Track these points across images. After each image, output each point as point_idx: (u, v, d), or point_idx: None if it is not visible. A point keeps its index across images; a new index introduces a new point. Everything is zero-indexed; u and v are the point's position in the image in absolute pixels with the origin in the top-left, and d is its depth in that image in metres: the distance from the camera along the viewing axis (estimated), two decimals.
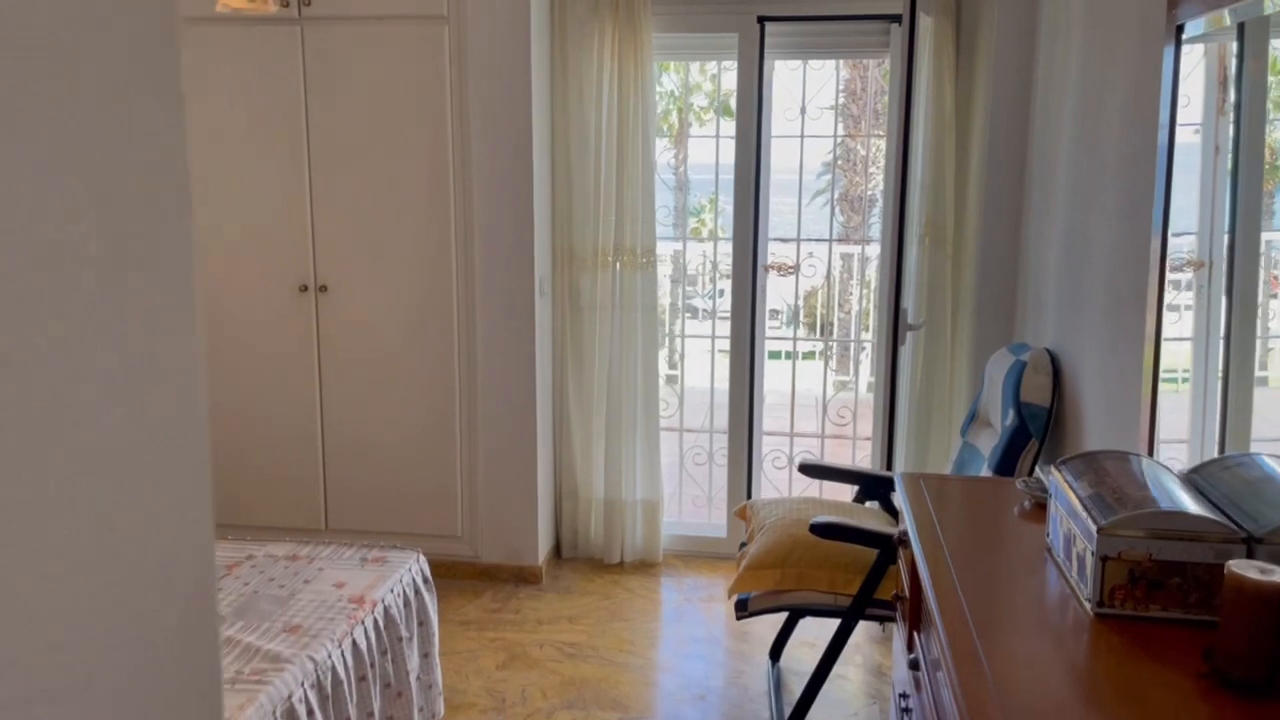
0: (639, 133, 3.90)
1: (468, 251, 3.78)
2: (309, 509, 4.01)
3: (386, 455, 3.93)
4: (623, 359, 4.06)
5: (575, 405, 4.09)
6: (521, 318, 3.81)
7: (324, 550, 2.89)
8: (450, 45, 3.67)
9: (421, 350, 3.84)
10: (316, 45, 3.71)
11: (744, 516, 3.28)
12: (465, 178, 3.74)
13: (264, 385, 3.95)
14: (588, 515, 4.16)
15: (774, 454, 4.47)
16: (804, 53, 4.07)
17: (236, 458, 4.00)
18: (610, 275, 4.02)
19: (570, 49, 3.89)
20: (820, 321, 6.89)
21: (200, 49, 3.76)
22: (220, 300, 3.91)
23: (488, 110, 3.69)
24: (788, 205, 4.44)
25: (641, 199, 3.96)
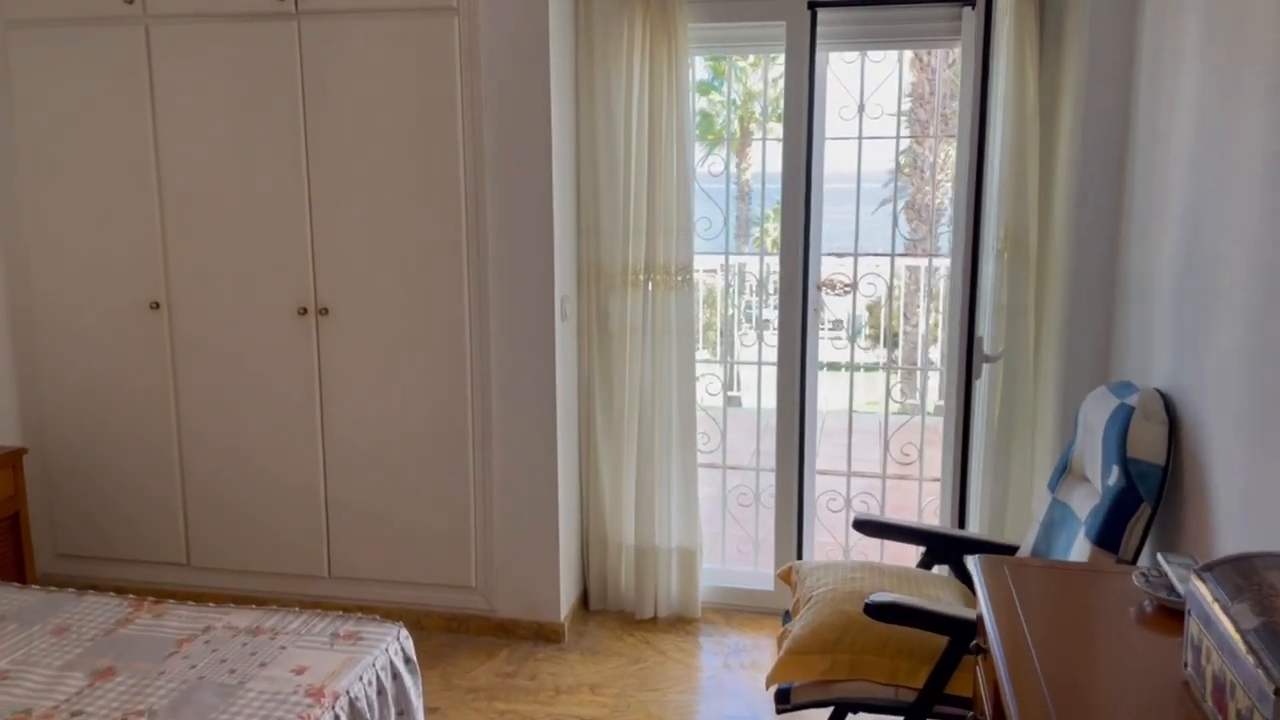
0: (673, 136, 3.45)
1: (480, 270, 3.37)
2: (311, 554, 3.63)
3: (393, 495, 3.53)
4: (656, 389, 3.61)
5: (603, 440, 3.65)
6: (540, 343, 3.38)
7: (293, 622, 2.49)
8: (460, 40, 3.26)
9: (431, 379, 3.44)
10: (314, 43, 3.33)
11: (789, 581, 2.80)
12: (477, 188, 3.33)
13: (261, 417, 3.58)
14: (617, 563, 3.71)
15: (829, 495, 3.97)
16: (862, 43, 3.58)
17: (235, 496, 3.64)
18: (641, 296, 3.57)
19: (596, 42, 3.46)
20: (884, 333, 6.36)
21: (185, 51, 3.41)
22: (211, 324, 3.55)
23: (502, 112, 3.28)
24: (844, 214, 3.94)
25: (676, 210, 3.50)
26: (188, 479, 3.68)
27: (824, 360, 4.80)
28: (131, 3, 3.39)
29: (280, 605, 3.63)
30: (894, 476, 4.01)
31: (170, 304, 3.57)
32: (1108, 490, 2.29)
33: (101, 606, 2.57)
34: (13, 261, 3.67)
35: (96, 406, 3.70)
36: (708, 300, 6.08)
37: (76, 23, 3.46)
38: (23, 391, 3.74)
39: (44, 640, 2.38)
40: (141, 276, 3.57)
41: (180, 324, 3.58)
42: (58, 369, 3.71)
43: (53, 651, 2.32)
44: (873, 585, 2.56)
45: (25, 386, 3.74)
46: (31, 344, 3.71)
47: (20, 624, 2.46)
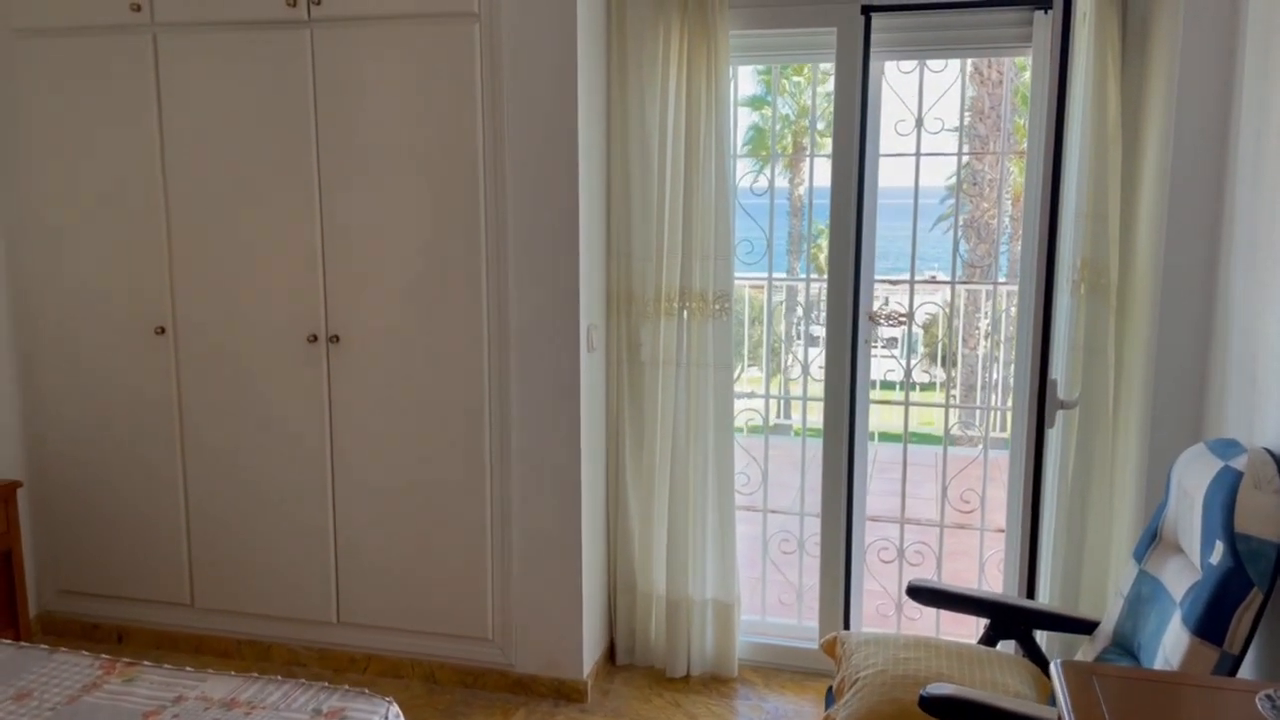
0: (711, 152, 3.17)
1: (501, 296, 3.11)
2: (319, 598, 3.39)
3: (405, 537, 3.28)
4: (690, 426, 3.31)
5: (633, 481, 3.36)
6: (564, 375, 3.11)
7: (272, 694, 2.23)
8: (482, 48, 3.02)
9: (446, 412, 3.18)
10: (327, 52, 3.11)
11: (833, 654, 2.49)
12: (498, 208, 3.07)
13: (269, 451, 3.35)
14: (647, 614, 3.42)
15: (880, 543, 3.64)
16: (921, 51, 3.26)
17: (241, 535, 3.42)
18: (676, 325, 3.29)
19: (629, 50, 3.19)
20: (942, 351, 6.02)
21: (193, 61, 3.21)
22: (219, 350, 3.34)
23: (526, 126, 3.02)
24: (896, 231, 3.62)
25: (714, 232, 3.22)
26: (193, 516, 3.46)
27: (875, 378, 4.48)
28: (139, 10, 3.20)
29: (287, 651, 3.42)
30: (953, 526, 3.66)
31: (176, 328, 3.37)
32: (1210, 570, 1.95)
33: (70, 667, 2.34)
34: (16, 283, 3.49)
35: (100, 438, 3.50)
36: (754, 320, 5.80)
37: (83, 31, 3.28)
38: (25, 421, 3.56)
39: (2, 708, 2.15)
40: (147, 298, 3.37)
41: (186, 349, 3.37)
42: (60, 397, 3.52)
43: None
44: (929, 668, 2.24)
45: (27, 416, 3.56)
46: (33, 370, 3.53)
47: None
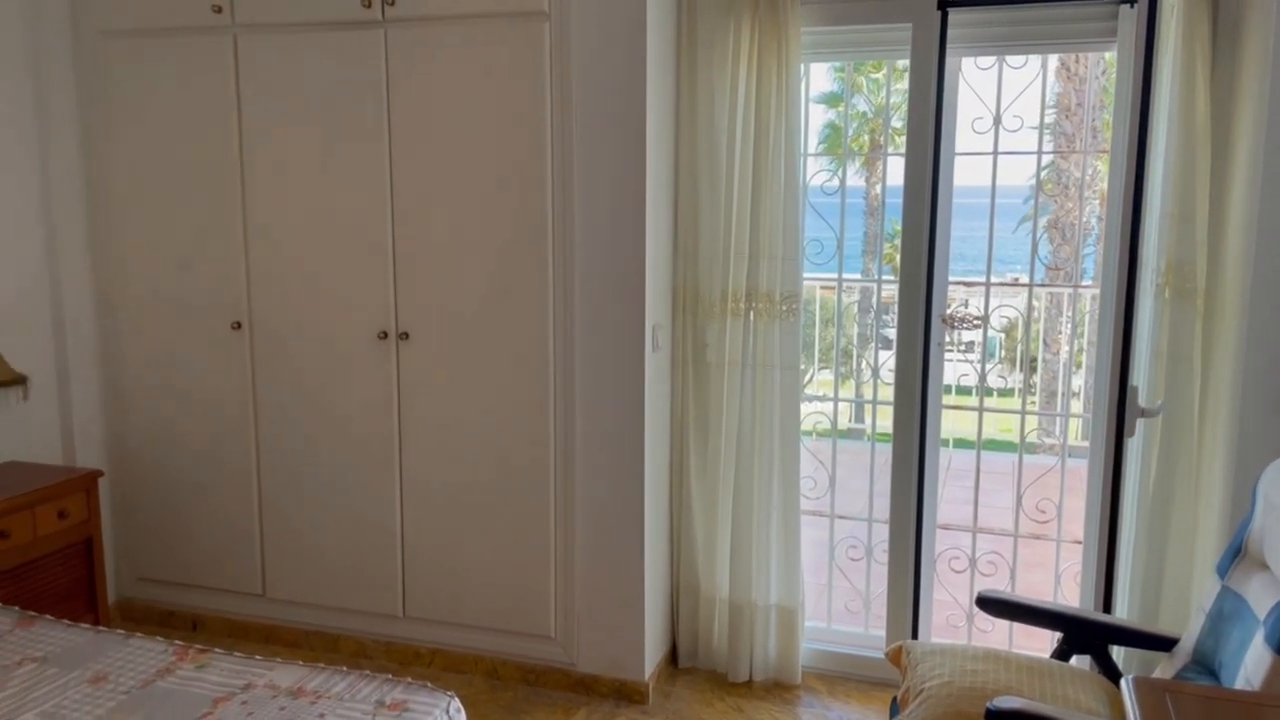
0: (781, 150, 3.12)
1: (567, 295, 3.11)
2: (385, 592, 3.43)
3: (470, 534, 3.31)
4: (756, 428, 3.27)
5: (697, 483, 3.33)
6: (629, 375, 3.09)
7: (337, 684, 2.26)
8: (551, 47, 3.02)
9: (511, 410, 3.20)
10: (400, 52, 3.14)
11: (898, 663, 2.43)
12: (565, 207, 3.08)
13: (339, 445, 3.41)
14: (710, 619, 3.39)
15: (951, 552, 3.55)
16: (1000, 47, 3.17)
17: (311, 528, 3.48)
18: (742, 325, 3.25)
19: (699, 48, 3.16)
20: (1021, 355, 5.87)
21: (271, 61, 3.27)
22: (292, 345, 3.41)
23: (594, 124, 3.02)
24: (972, 231, 3.53)
25: (783, 232, 3.17)
26: (265, 508, 3.54)
27: (949, 382, 4.37)
28: (220, 11, 3.28)
29: (355, 643, 3.47)
30: (1028, 536, 3.55)
31: (252, 324, 3.45)
32: None
33: (145, 653, 2.41)
34: (101, 277, 3.61)
35: (178, 430, 3.60)
36: (826, 321, 5.72)
37: (167, 33, 3.38)
38: (107, 414, 3.68)
39: (79, 690, 2.22)
40: (224, 295, 3.45)
41: (261, 345, 3.45)
42: (141, 391, 3.63)
43: (84, 704, 2.16)
44: (997, 681, 2.17)
45: (109, 409, 3.67)
46: (116, 364, 3.64)
47: (61, 668, 2.32)
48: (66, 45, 3.47)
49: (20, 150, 3.39)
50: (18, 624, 2.53)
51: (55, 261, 3.50)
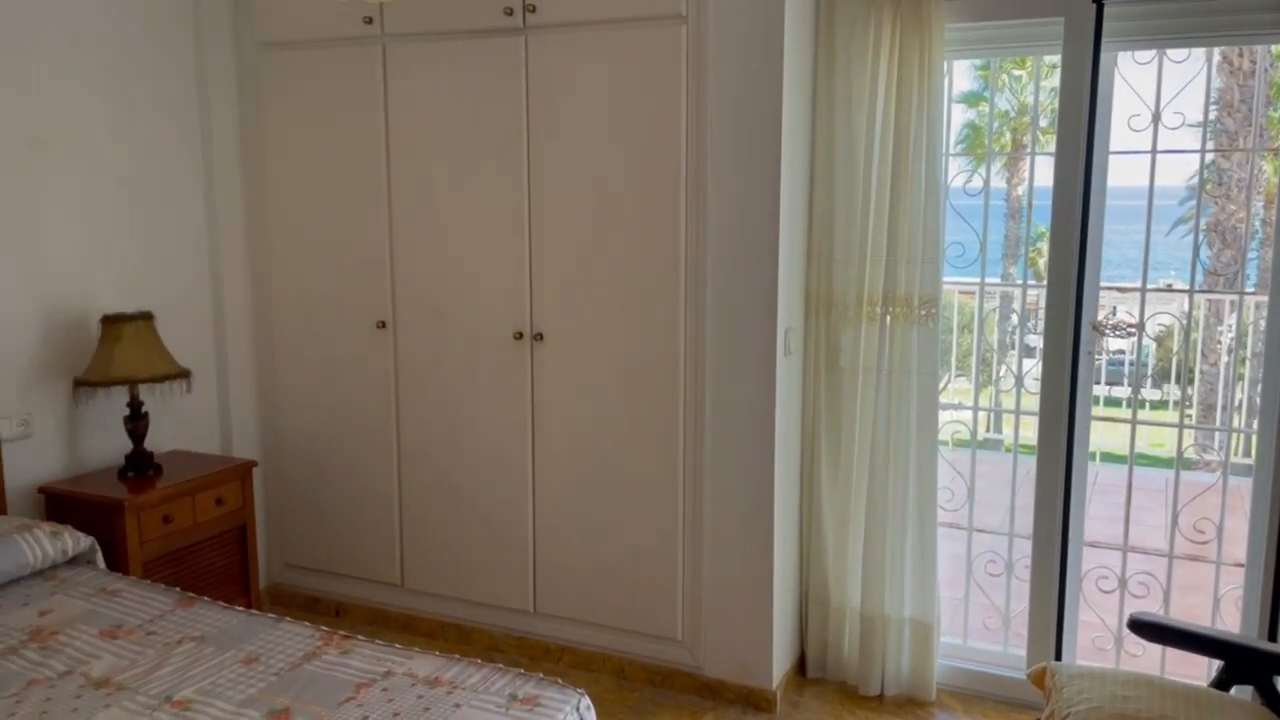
0: (922, 150, 3.04)
1: (699, 296, 3.11)
2: (517, 587, 3.50)
3: (599, 534, 3.34)
4: (891, 435, 3.19)
5: (828, 490, 3.28)
6: (760, 378, 3.06)
7: (472, 676, 2.31)
8: (688, 50, 3.02)
9: (642, 411, 3.21)
10: (540, 58, 3.20)
11: (1041, 685, 2.32)
12: (699, 206, 3.07)
13: (475, 441, 3.49)
14: (840, 629, 3.32)
15: (1099, 571, 3.38)
16: (1160, 40, 3.00)
17: (447, 521, 3.59)
18: (878, 330, 3.18)
19: (838, 47, 3.11)
20: (1176, 366, 5.57)
21: (417, 69, 3.38)
22: (432, 344, 3.51)
23: (729, 126, 3.00)
24: (1122, 235, 3.35)
25: (922, 234, 3.09)
26: (405, 501, 3.66)
27: (1098, 393, 4.17)
28: (370, 22, 3.41)
29: (487, 636, 3.55)
30: (1184, 557, 3.35)
31: (396, 323, 3.57)
32: None
33: (294, 637, 2.51)
34: (258, 277, 3.81)
35: (326, 424, 3.76)
36: (964, 327, 5.54)
37: (320, 44, 3.53)
38: (262, 407, 3.87)
39: (233, 669, 2.33)
40: (371, 295, 3.59)
41: (404, 344, 3.57)
42: (293, 386, 3.81)
43: (238, 683, 2.26)
44: (1150, 709, 2.05)
45: (264, 402, 3.87)
46: (270, 360, 3.83)
47: (217, 648, 2.44)
48: (229, 57, 3.68)
49: (187, 158, 3.62)
50: (178, 604, 2.68)
51: (216, 263, 3.71)
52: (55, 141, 3.19)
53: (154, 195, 3.51)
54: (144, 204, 3.48)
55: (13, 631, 2.47)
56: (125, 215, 3.42)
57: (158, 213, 3.53)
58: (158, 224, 3.53)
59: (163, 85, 3.52)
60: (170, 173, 3.56)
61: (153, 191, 3.51)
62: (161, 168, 3.53)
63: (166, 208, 3.56)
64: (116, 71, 3.36)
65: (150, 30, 3.46)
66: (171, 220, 3.58)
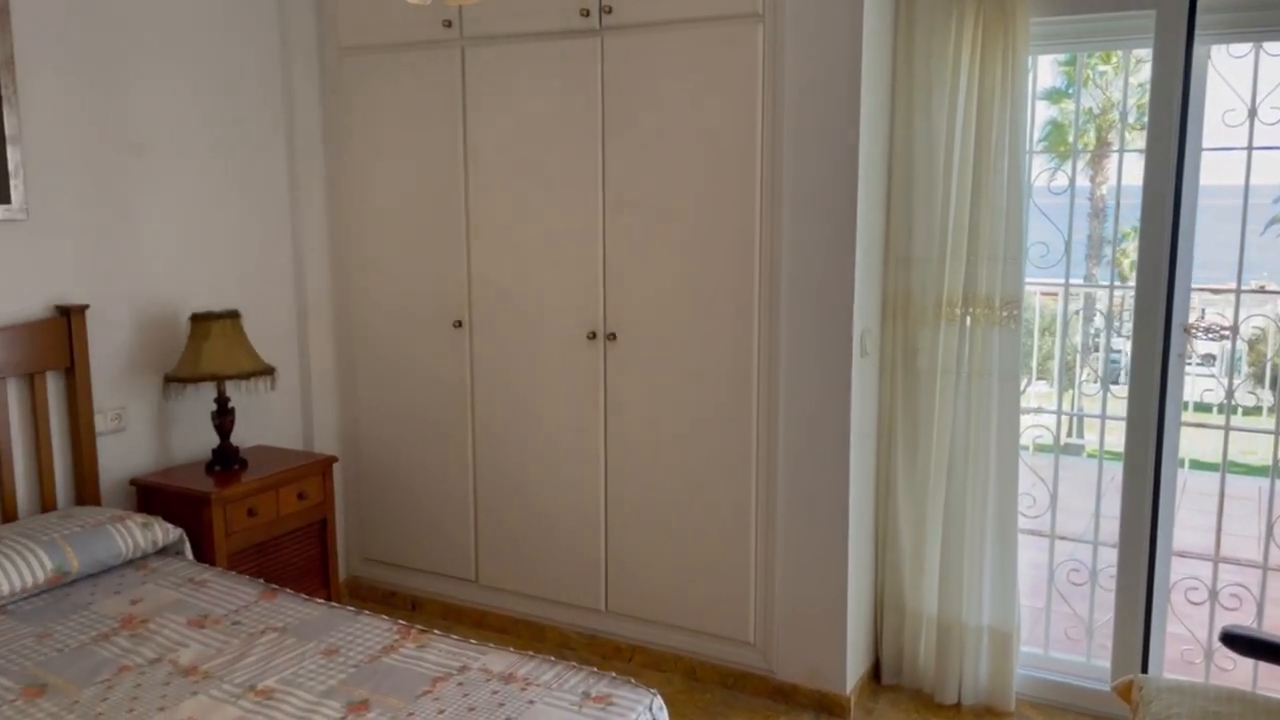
0: (1005, 148, 2.98)
1: (773, 297, 3.09)
2: (589, 586, 3.52)
3: (671, 534, 3.34)
4: (970, 439, 3.13)
5: (904, 495, 3.23)
6: (835, 380, 3.03)
7: (545, 672, 2.33)
8: (764, 48, 3.00)
9: (715, 412, 3.20)
10: (615, 59, 3.21)
11: (1127, 698, 2.25)
12: (774, 206, 3.05)
13: (548, 440, 3.52)
14: (916, 636, 3.26)
15: (1188, 582, 3.26)
16: (1257, 32, 2.89)
17: (521, 518, 3.62)
18: (958, 331, 3.12)
19: (918, 43, 3.06)
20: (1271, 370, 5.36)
21: (494, 71, 3.42)
22: (506, 343, 3.55)
23: (805, 123, 2.98)
24: (1215, 236, 3.23)
25: (1005, 233, 3.02)
26: (480, 498, 3.70)
27: (1188, 398, 4.02)
28: (450, 26, 3.46)
29: (559, 634, 3.57)
30: (1279, 569, 3.22)
31: (472, 322, 3.61)
32: None
33: (372, 630, 2.56)
34: (339, 277, 3.89)
35: (404, 421, 3.83)
36: (1044, 329, 5.40)
37: (400, 48, 3.60)
38: (343, 404, 3.96)
39: (314, 660, 2.38)
40: (448, 294, 3.64)
41: (480, 343, 3.61)
42: (372, 383, 3.88)
43: (319, 674, 2.31)
44: None
45: (345, 399, 3.95)
46: (351, 357, 3.92)
47: (299, 639, 2.50)
48: (313, 61, 3.77)
49: (273, 161, 3.72)
50: (262, 595, 2.75)
51: (300, 264, 3.81)
52: (151, 147, 3.30)
53: (242, 198, 3.62)
54: (232, 206, 3.58)
55: (106, 619, 2.57)
56: (214, 217, 3.53)
57: (245, 214, 3.63)
58: (245, 225, 3.64)
59: (250, 91, 3.62)
60: (257, 176, 3.66)
61: (241, 194, 3.61)
62: (249, 171, 3.63)
63: (253, 209, 3.66)
64: (208, 79, 3.47)
65: (239, 39, 3.57)
66: (257, 221, 3.68)
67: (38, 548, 2.69)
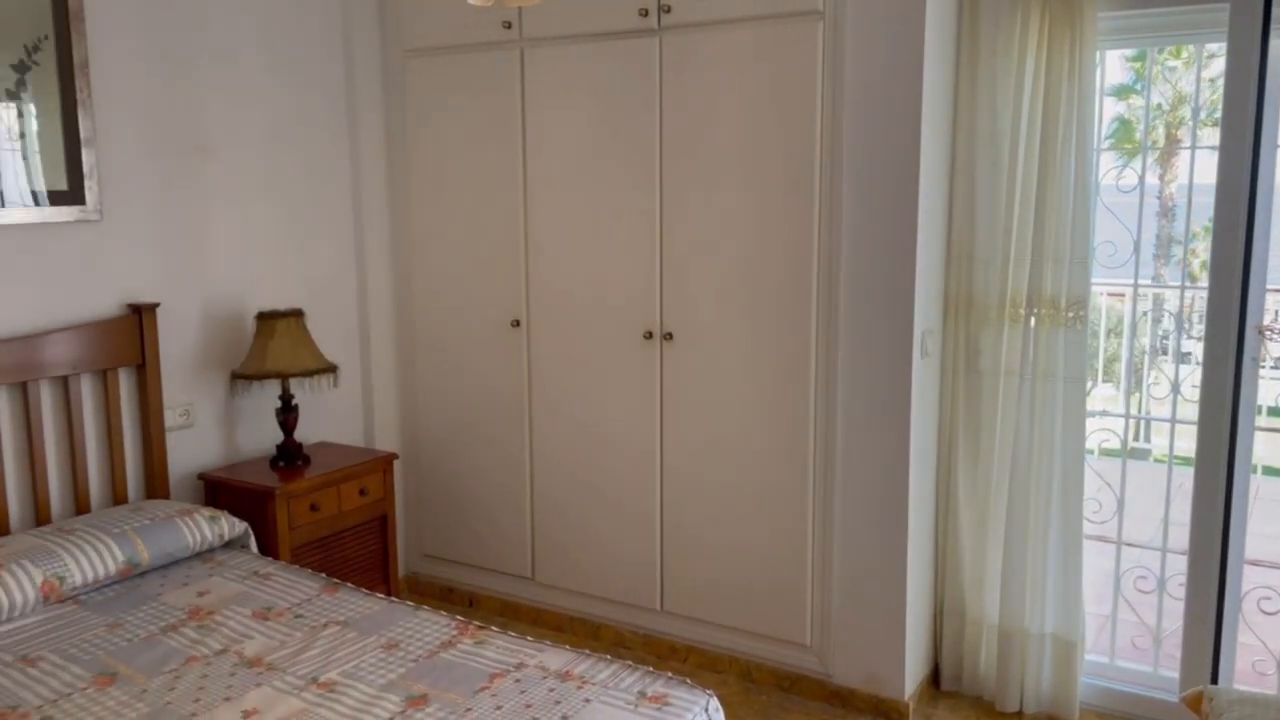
0: (1071, 145, 2.92)
1: (831, 297, 3.06)
2: (644, 585, 3.52)
3: (726, 535, 3.32)
4: (1034, 443, 3.07)
5: (965, 498, 3.18)
6: (895, 381, 2.99)
7: (601, 671, 2.33)
8: (825, 46, 2.98)
9: (771, 413, 3.18)
10: (674, 58, 3.21)
11: (1197, 710, 2.19)
12: (832, 204, 3.02)
13: (604, 441, 3.53)
14: (976, 642, 3.21)
15: (1261, 590, 3.17)
16: None
17: (577, 518, 3.64)
18: (1021, 332, 3.06)
19: (982, 38, 3.01)
20: None
21: (553, 72, 3.44)
22: (563, 343, 3.56)
23: (866, 122, 2.94)
24: None
25: (1071, 233, 2.96)
26: (536, 496, 3.72)
27: (1262, 402, 3.91)
28: (509, 27, 3.48)
29: (614, 633, 3.58)
30: None
31: (529, 322, 3.64)
32: None
33: (431, 625, 2.59)
34: (400, 277, 3.94)
35: (462, 420, 3.87)
36: (1110, 331, 5.27)
37: (461, 49, 3.63)
38: (403, 402, 4.01)
39: (374, 654, 2.42)
40: (506, 294, 3.67)
41: (537, 342, 3.63)
42: (431, 382, 3.93)
43: (379, 668, 2.35)
44: None
45: (405, 397, 4.01)
46: (411, 355, 3.97)
47: (360, 632, 2.53)
48: (375, 64, 3.82)
49: (336, 163, 3.78)
50: (324, 589, 2.79)
51: (362, 263, 3.87)
52: (217, 148, 3.38)
53: (305, 199, 3.68)
54: (296, 206, 3.65)
55: (174, 610, 2.63)
56: (279, 217, 3.60)
57: (308, 215, 3.70)
58: (309, 226, 3.70)
59: (314, 94, 3.68)
60: (321, 177, 3.73)
61: (304, 195, 3.68)
62: (313, 173, 3.70)
63: (317, 210, 3.73)
64: (273, 82, 3.54)
65: (304, 42, 3.63)
66: (321, 222, 3.75)
67: (110, 540, 2.76)
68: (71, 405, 2.99)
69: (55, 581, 2.60)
